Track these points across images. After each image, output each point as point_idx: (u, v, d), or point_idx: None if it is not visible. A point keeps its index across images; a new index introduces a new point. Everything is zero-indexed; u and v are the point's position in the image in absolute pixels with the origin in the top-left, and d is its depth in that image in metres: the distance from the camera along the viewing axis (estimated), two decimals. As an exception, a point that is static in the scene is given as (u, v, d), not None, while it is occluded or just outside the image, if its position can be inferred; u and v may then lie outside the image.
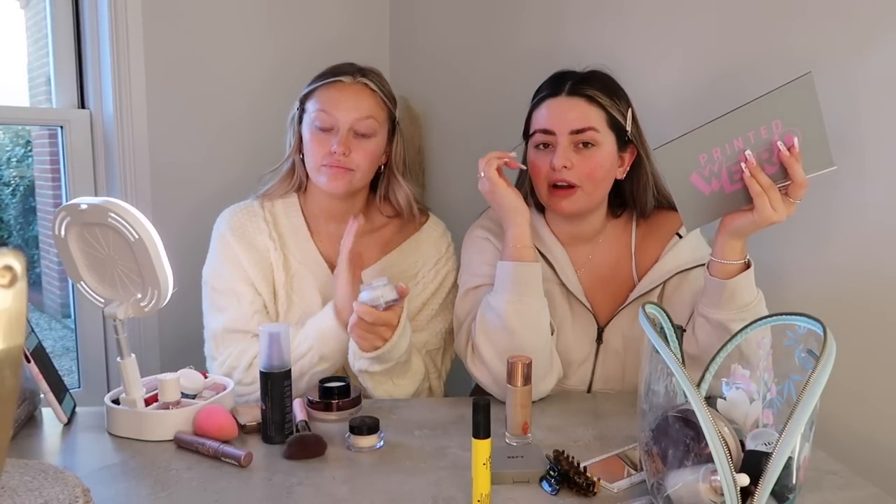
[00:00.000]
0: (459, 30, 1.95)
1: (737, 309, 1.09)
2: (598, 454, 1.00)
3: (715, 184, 1.03)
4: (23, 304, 0.49)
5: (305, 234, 1.41)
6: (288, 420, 1.05)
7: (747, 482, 0.71)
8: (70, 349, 2.07)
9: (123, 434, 1.06)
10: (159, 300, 1.05)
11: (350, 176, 1.32)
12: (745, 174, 1.00)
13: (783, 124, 0.98)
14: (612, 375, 1.30)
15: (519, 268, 1.18)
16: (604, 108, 1.21)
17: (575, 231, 1.31)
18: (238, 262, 1.36)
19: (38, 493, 0.76)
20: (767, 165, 1.01)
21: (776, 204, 1.01)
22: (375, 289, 1.14)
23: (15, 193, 2.18)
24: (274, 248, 1.37)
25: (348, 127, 1.31)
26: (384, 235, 1.44)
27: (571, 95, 1.22)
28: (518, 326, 1.16)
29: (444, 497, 0.89)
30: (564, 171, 1.20)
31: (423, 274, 1.41)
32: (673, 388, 0.82)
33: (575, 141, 1.21)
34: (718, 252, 1.08)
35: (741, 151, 1.00)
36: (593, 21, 1.59)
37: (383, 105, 1.36)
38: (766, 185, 1.00)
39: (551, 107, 1.23)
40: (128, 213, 1.00)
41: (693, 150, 1.01)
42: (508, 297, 1.17)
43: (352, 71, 1.35)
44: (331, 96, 1.32)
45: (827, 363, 0.70)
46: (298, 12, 2.01)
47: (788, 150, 0.99)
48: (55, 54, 1.79)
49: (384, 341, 1.18)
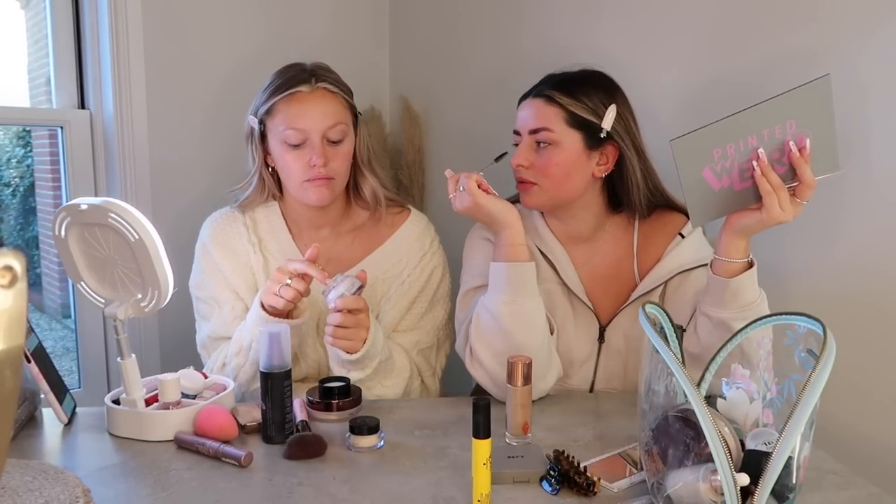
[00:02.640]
0: (459, 30, 1.95)
1: (739, 308, 1.09)
2: (598, 454, 1.00)
3: (725, 180, 1.02)
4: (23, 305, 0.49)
5: (287, 236, 1.40)
6: (288, 420, 1.05)
7: (747, 482, 0.71)
8: (70, 349, 2.07)
9: (124, 434, 1.06)
10: (159, 300, 1.05)
11: (332, 184, 1.32)
12: (755, 172, 1.00)
13: (797, 125, 0.98)
14: (615, 375, 1.30)
15: (512, 268, 1.18)
16: (562, 106, 1.21)
17: (568, 229, 1.31)
18: (218, 270, 1.38)
19: (38, 494, 0.76)
20: (777, 165, 1.01)
21: (785, 204, 1.01)
22: (339, 285, 1.17)
23: (15, 194, 2.18)
24: (253, 252, 1.38)
25: (321, 137, 1.29)
26: (365, 233, 1.42)
27: (535, 97, 1.25)
28: (512, 327, 1.16)
29: (444, 497, 0.89)
30: (522, 169, 1.25)
31: (408, 272, 1.39)
32: (673, 388, 0.82)
33: (535, 140, 1.24)
34: (722, 250, 1.08)
35: (754, 149, 1.00)
36: (594, 21, 1.59)
37: (345, 103, 1.34)
38: (776, 185, 1.00)
39: (522, 108, 1.27)
40: (128, 213, 1.00)
41: (708, 144, 1.00)
42: (502, 297, 1.17)
43: (306, 77, 1.30)
44: (295, 111, 1.28)
45: (827, 363, 0.70)
46: (299, 13, 2.01)
47: (799, 151, 0.99)
48: (55, 54, 1.79)
49: (367, 331, 1.20)
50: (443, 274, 1.43)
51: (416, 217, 1.45)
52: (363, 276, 1.21)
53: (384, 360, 1.27)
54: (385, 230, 1.42)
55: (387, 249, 1.41)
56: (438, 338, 1.41)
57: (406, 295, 1.38)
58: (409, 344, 1.37)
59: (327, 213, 1.40)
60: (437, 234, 1.46)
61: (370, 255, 1.40)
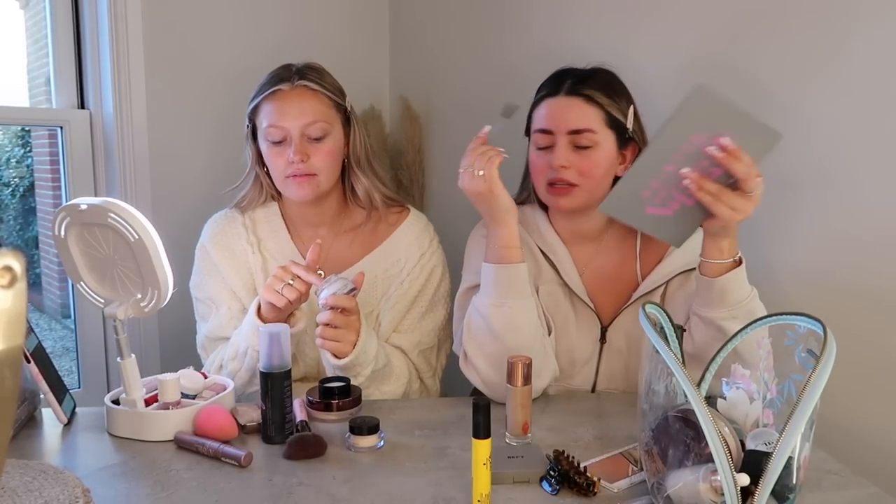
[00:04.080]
0: (459, 30, 1.95)
1: (729, 307, 1.09)
2: (598, 454, 1.00)
3: (674, 204, 1.05)
4: (23, 305, 0.49)
5: (285, 235, 1.41)
6: (288, 420, 1.05)
7: (747, 482, 0.71)
8: (70, 349, 2.07)
9: (123, 434, 1.06)
10: (159, 300, 1.05)
11: (314, 181, 1.32)
12: (691, 190, 1.01)
13: (706, 135, 0.98)
14: (616, 375, 1.30)
15: (502, 270, 1.16)
16: (602, 107, 1.20)
17: (578, 228, 1.31)
18: (217, 271, 1.39)
19: (38, 494, 0.76)
20: (714, 169, 1.01)
21: (733, 203, 1.01)
22: (332, 284, 1.17)
23: (15, 194, 2.19)
24: (252, 252, 1.39)
25: (299, 134, 1.30)
26: (364, 233, 1.42)
27: (570, 95, 1.21)
28: (502, 329, 1.15)
29: (444, 497, 0.89)
30: (563, 170, 1.21)
31: (407, 271, 1.39)
32: (673, 388, 0.82)
33: (573, 141, 1.21)
34: (706, 252, 1.09)
35: (676, 172, 1.00)
36: (594, 21, 1.59)
37: (329, 102, 1.34)
38: (714, 192, 1.01)
39: (550, 106, 1.23)
40: (128, 213, 1.00)
41: (632, 191, 1.03)
42: (492, 300, 1.16)
43: (288, 76, 1.32)
44: (275, 108, 1.31)
45: (827, 363, 0.70)
46: (299, 13, 2.01)
47: (724, 150, 0.99)
48: (55, 54, 1.79)
49: (356, 334, 1.19)
50: (442, 274, 1.42)
51: (415, 217, 1.45)
52: (360, 279, 1.20)
53: (380, 368, 1.26)
54: (384, 230, 1.42)
55: (386, 249, 1.41)
56: (439, 338, 1.41)
57: (406, 294, 1.38)
58: (409, 345, 1.37)
59: (323, 212, 1.40)
60: (436, 234, 1.45)
61: (369, 254, 1.40)
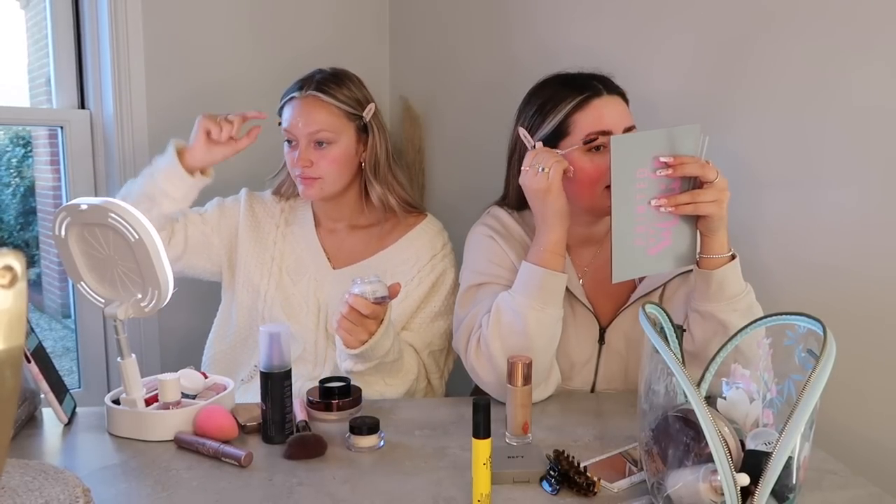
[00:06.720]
0: (459, 30, 1.95)
1: (726, 300, 1.12)
2: (598, 454, 1.00)
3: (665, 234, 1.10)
4: (23, 305, 0.49)
5: (311, 224, 1.51)
6: (288, 420, 1.05)
7: (747, 482, 0.71)
8: (70, 349, 2.07)
9: (124, 434, 1.06)
10: (159, 300, 1.05)
11: (319, 184, 1.40)
12: (672, 212, 1.07)
13: (646, 167, 1.05)
14: (615, 376, 1.30)
15: (549, 276, 1.16)
16: (627, 106, 1.24)
17: (589, 232, 1.31)
18: (223, 215, 1.50)
19: (38, 494, 0.76)
20: (673, 185, 1.08)
21: (709, 197, 1.06)
22: (367, 283, 1.17)
23: (15, 194, 2.18)
24: (276, 228, 1.50)
25: (306, 140, 1.39)
26: (379, 232, 1.48)
27: (613, 94, 1.22)
28: (536, 333, 1.15)
29: (444, 497, 0.89)
30: None
31: (417, 269, 1.43)
32: (673, 388, 0.82)
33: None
34: (706, 249, 1.12)
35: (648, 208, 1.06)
36: (595, 21, 1.59)
37: (339, 112, 1.40)
38: (689, 199, 1.07)
39: (602, 107, 1.19)
40: (128, 213, 1.00)
41: (627, 249, 1.07)
42: (533, 303, 1.15)
43: (302, 85, 1.41)
44: (288, 115, 1.41)
45: (827, 363, 0.70)
46: (299, 13, 2.01)
47: (669, 165, 1.05)
48: (55, 54, 1.79)
49: (370, 335, 1.20)
50: (455, 279, 1.44)
51: (430, 221, 1.50)
52: (396, 289, 1.20)
53: (390, 362, 1.28)
54: (400, 231, 1.48)
55: (398, 247, 1.46)
56: (450, 342, 1.41)
57: (414, 292, 1.41)
58: (421, 344, 1.39)
59: (340, 209, 1.49)
60: (449, 241, 1.49)
61: (382, 251, 1.46)
